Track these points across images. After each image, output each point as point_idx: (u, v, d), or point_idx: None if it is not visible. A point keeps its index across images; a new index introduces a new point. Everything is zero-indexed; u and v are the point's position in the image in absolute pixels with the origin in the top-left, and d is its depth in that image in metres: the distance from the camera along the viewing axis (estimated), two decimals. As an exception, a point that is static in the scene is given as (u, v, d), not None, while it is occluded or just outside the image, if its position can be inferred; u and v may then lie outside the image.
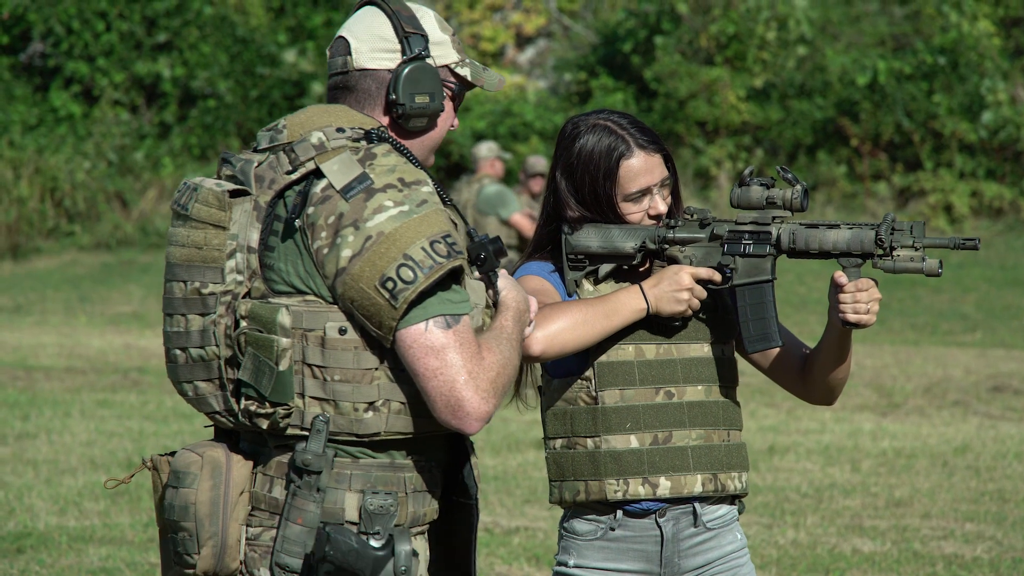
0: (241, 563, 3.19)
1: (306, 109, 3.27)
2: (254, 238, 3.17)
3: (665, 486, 3.90)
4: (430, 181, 3.16)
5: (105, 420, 11.82)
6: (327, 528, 3.10)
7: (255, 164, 3.22)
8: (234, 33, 27.01)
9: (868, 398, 13.38)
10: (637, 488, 3.89)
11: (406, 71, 3.28)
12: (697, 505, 3.94)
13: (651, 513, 3.93)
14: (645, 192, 3.94)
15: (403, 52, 3.29)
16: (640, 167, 3.92)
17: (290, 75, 26.87)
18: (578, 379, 3.93)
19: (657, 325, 3.93)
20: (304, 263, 3.13)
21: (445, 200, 3.24)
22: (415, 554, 3.13)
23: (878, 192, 25.70)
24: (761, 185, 3.92)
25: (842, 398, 12.36)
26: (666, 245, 3.94)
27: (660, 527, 3.92)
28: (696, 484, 3.91)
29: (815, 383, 4.01)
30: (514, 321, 3.23)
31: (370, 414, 3.13)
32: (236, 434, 3.29)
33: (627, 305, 3.86)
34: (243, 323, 3.13)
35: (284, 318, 3.10)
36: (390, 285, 3.05)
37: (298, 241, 3.14)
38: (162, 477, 3.26)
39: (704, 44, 26.84)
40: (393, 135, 3.27)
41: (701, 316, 3.96)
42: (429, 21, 3.35)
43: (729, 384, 3.99)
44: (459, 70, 3.37)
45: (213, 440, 3.27)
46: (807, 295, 20.30)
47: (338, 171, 3.13)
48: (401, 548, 3.11)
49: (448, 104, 3.36)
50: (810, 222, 3.90)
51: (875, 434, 11.57)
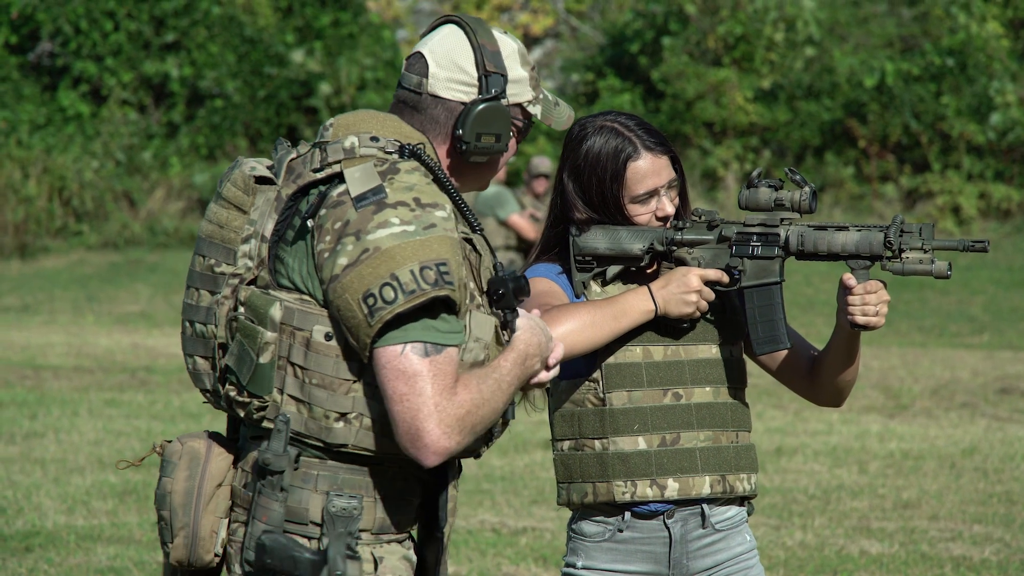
0: (217, 556, 3.21)
1: (357, 112, 3.27)
2: (269, 228, 3.18)
3: (673, 488, 3.89)
4: (448, 207, 3.12)
5: (113, 419, 11.83)
6: (262, 536, 3.10)
7: (292, 155, 3.24)
8: (242, 33, 27.03)
9: (875, 400, 13.38)
10: (645, 490, 3.89)
11: (478, 110, 3.25)
12: (705, 506, 3.93)
13: (659, 515, 3.92)
14: (652, 194, 3.93)
15: (480, 89, 3.27)
16: (647, 169, 3.91)
17: (298, 75, 26.89)
18: (586, 381, 3.92)
19: (665, 327, 3.93)
20: (308, 264, 3.13)
21: (474, 227, 3.23)
22: (354, 557, 3.11)
23: (886, 194, 25.68)
24: (769, 187, 3.92)
25: (849, 400, 12.36)
26: (674, 247, 3.94)
27: (668, 528, 3.92)
28: (704, 486, 3.91)
29: (823, 385, 4.01)
30: (513, 363, 3.17)
31: (340, 424, 3.11)
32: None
33: (635, 307, 3.86)
34: (240, 309, 3.15)
35: (276, 312, 3.10)
36: (371, 301, 3.03)
37: (307, 241, 3.15)
38: None
39: (712, 45, 26.83)
40: (431, 154, 3.24)
41: (709, 317, 3.96)
42: (511, 58, 3.32)
43: (737, 385, 3.98)
44: (531, 108, 3.35)
45: (204, 431, 3.30)
46: (814, 296, 20.29)
47: (358, 179, 3.12)
48: (335, 552, 3.09)
49: (511, 142, 3.35)
50: (818, 224, 3.90)
51: (883, 436, 11.56)
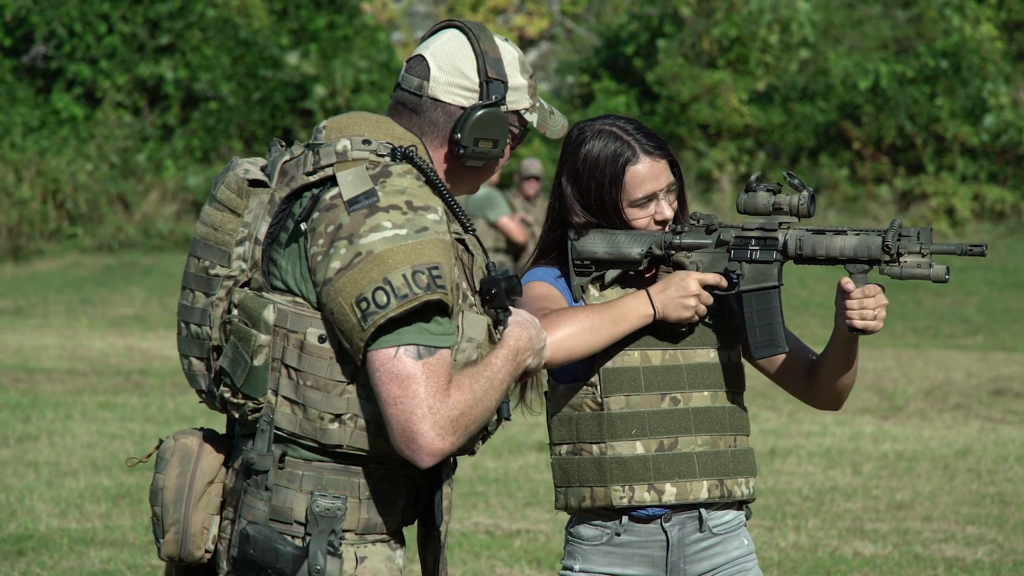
0: (208, 552, 3.23)
1: (350, 114, 3.28)
2: (262, 230, 3.20)
3: (671, 492, 3.89)
4: (440, 209, 3.14)
5: (107, 422, 11.82)
6: (247, 527, 3.13)
7: (286, 158, 3.24)
8: (236, 35, 27.02)
9: (869, 401, 13.38)
10: (643, 494, 3.89)
11: (478, 115, 3.28)
12: (703, 511, 3.93)
13: (656, 518, 3.92)
14: (651, 198, 3.93)
15: (480, 95, 3.29)
16: (646, 173, 3.91)
17: (292, 78, 26.88)
18: (584, 385, 3.92)
19: (664, 331, 3.92)
20: (301, 266, 3.15)
21: (467, 228, 3.24)
22: (335, 555, 3.13)
23: (880, 195, 25.70)
24: (767, 191, 3.91)
25: (844, 401, 12.35)
26: (672, 251, 3.93)
27: (666, 532, 3.92)
28: (702, 490, 3.90)
29: (822, 388, 4.00)
30: (504, 360, 3.19)
31: (335, 425, 3.13)
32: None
33: (634, 311, 3.86)
34: (234, 311, 3.16)
35: (269, 315, 3.12)
36: (363, 306, 3.05)
37: (301, 244, 3.16)
38: None
39: (706, 47, 26.84)
40: (423, 157, 3.25)
41: (708, 322, 3.95)
42: (512, 65, 3.34)
43: (736, 390, 3.98)
44: (527, 116, 3.38)
45: (197, 428, 3.31)
46: (809, 298, 20.30)
47: (351, 182, 3.13)
48: (315, 548, 3.11)
49: (507, 148, 3.36)
50: (817, 228, 3.89)
51: (876, 437, 11.57)
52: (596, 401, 3.91)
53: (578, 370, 3.93)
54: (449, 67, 3.30)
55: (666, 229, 3.96)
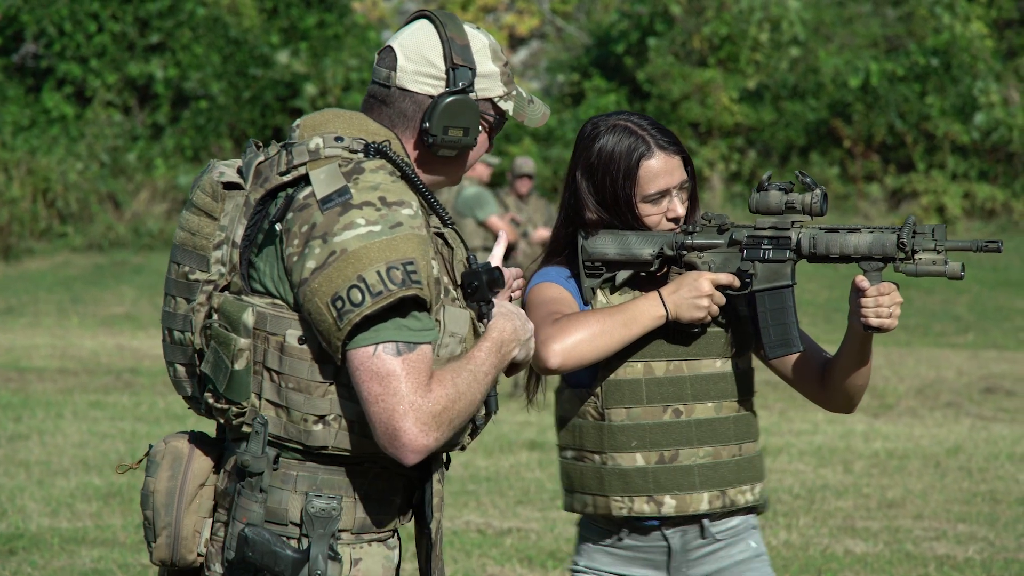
0: (200, 556, 3.21)
1: (323, 112, 3.26)
2: (239, 233, 3.18)
3: (670, 505, 3.88)
4: (415, 204, 3.11)
5: (98, 421, 11.81)
6: (245, 530, 3.11)
7: (260, 159, 3.23)
8: (227, 34, 27.00)
9: (863, 392, 13.40)
10: (642, 506, 3.88)
11: (444, 103, 3.25)
12: (705, 520, 3.93)
13: (657, 528, 3.92)
14: (664, 194, 3.89)
15: (448, 83, 3.26)
16: (660, 168, 3.88)
17: (283, 76, 26.86)
18: (587, 393, 3.91)
19: (676, 332, 3.89)
20: (278, 268, 3.13)
21: (445, 221, 3.23)
22: (336, 559, 3.12)
23: (871, 193, 25.72)
24: (779, 190, 3.88)
25: (834, 399, 12.36)
26: (684, 251, 3.91)
27: (667, 539, 3.93)
28: (702, 502, 3.89)
29: (835, 389, 3.97)
30: (488, 352, 3.16)
31: (319, 427, 3.11)
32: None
33: (646, 313, 3.83)
34: (214, 315, 3.15)
35: (249, 318, 3.10)
36: (339, 304, 3.03)
37: (277, 245, 3.14)
38: None
39: (697, 46, 26.86)
40: (398, 152, 3.24)
41: (721, 321, 3.92)
42: (482, 52, 3.31)
43: (743, 397, 3.95)
44: (502, 104, 3.33)
45: (187, 431, 3.30)
46: (799, 296, 20.32)
47: (323, 181, 3.11)
48: (317, 552, 3.10)
49: (482, 137, 3.33)
50: (830, 226, 3.86)
51: (867, 435, 11.58)
52: (598, 411, 3.90)
53: (583, 377, 3.91)
54: (416, 56, 3.27)
55: (677, 229, 3.93)
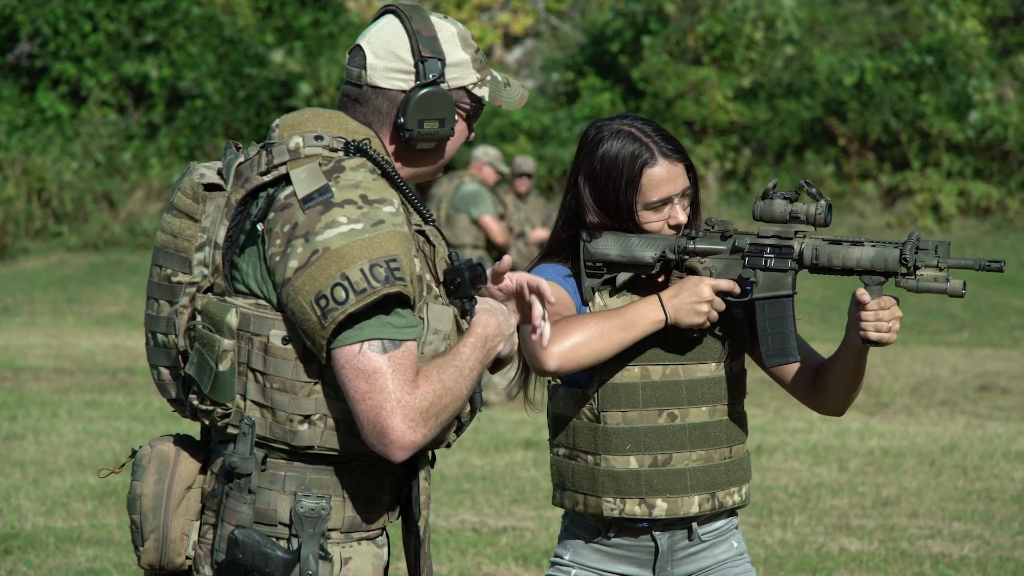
0: (188, 559, 3.21)
1: (302, 111, 3.26)
2: (221, 234, 3.18)
3: (661, 507, 3.89)
4: (397, 201, 3.11)
5: (93, 421, 11.80)
6: (235, 532, 3.11)
7: (240, 160, 3.22)
8: (221, 33, 26.99)
9: (856, 397, 13.40)
10: (633, 508, 3.89)
11: (416, 97, 3.24)
12: (694, 524, 3.94)
13: (647, 531, 3.94)
14: (666, 201, 3.90)
15: (418, 76, 3.26)
16: (663, 176, 3.88)
17: (278, 75, 26.85)
18: (583, 393, 3.91)
19: (674, 337, 3.90)
20: (260, 268, 3.12)
21: (427, 219, 3.23)
22: (327, 558, 3.13)
23: (865, 192, 25.73)
24: (784, 199, 3.88)
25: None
26: (686, 256, 3.91)
27: (655, 540, 3.94)
28: (693, 505, 3.91)
29: (827, 395, 3.99)
30: (473, 348, 3.16)
31: (305, 427, 3.11)
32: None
33: (645, 316, 3.83)
34: (197, 317, 3.14)
35: (232, 319, 3.10)
36: (323, 303, 3.03)
37: (259, 246, 3.14)
38: None
39: (691, 44, 26.86)
40: (378, 149, 3.24)
41: (717, 333, 3.92)
42: (450, 41, 3.30)
43: (736, 400, 3.97)
44: (476, 91, 3.33)
45: (172, 434, 3.30)
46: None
47: (304, 180, 3.10)
48: (307, 552, 3.10)
49: (460, 126, 3.33)
50: (833, 238, 3.86)
51: (863, 433, 11.58)
52: (593, 413, 3.90)
53: (579, 377, 3.91)
54: (384, 52, 3.27)
55: (680, 234, 3.93)
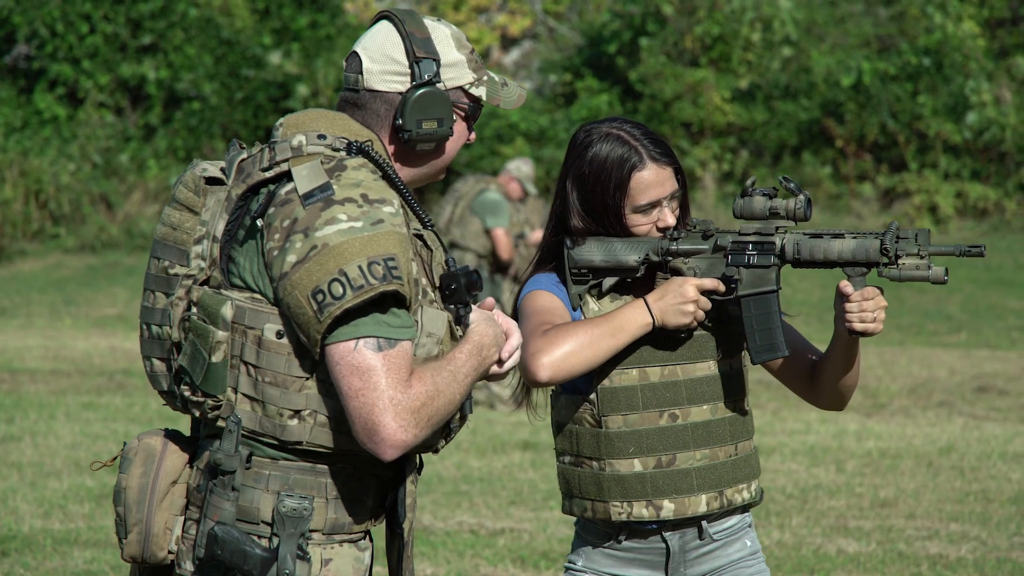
0: (171, 553, 3.22)
1: (308, 111, 3.29)
2: (220, 228, 3.20)
3: (669, 508, 3.90)
4: (396, 203, 3.13)
5: (90, 423, 11.80)
6: (215, 528, 3.12)
7: (243, 156, 3.25)
8: (219, 35, 26.98)
9: (853, 399, 13.39)
10: (641, 511, 3.90)
11: (413, 97, 3.27)
12: (703, 522, 3.95)
13: (656, 532, 3.94)
14: (655, 205, 3.91)
15: (413, 77, 3.29)
16: (651, 180, 3.89)
17: (275, 77, 26.84)
18: (583, 400, 3.92)
19: (663, 339, 3.91)
20: (258, 262, 3.15)
21: (425, 223, 3.25)
22: (304, 558, 3.13)
23: (863, 193, 25.73)
24: (764, 195, 3.90)
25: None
26: (669, 257, 3.92)
27: (666, 541, 3.95)
28: (700, 504, 3.91)
29: (823, 390, 4.00)
30: (468, 355, 3.18)
31: (295, 422, 3.13)
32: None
33: (633, 321, 3.84)
34: (192, 309, 3.16)
35: (227, 311, 3.12)
36: (320, 298, 3.05)
37: (257, 240, 3.16)
38: None
39: (689, 45, 26.86)
40: (380, 151, 3.26)
41: (707, 324, 3.93)
42: (444, 42, 3.33)
43: (737, 397, 3.97)
44: (473, 90, 3.36)
45: (161, 429, 3.31)
46: (791, 295, 20.33)
47: (306, 177, 3.13)
48: (285, 551, 3.11)
49: (459, 126, 3.35)
50: (814, 232, 3.88)
51: (860, 435, 11.58)
52: (594, 418, 3.90)
53: (579, 383, 3.92)
54: (379, 56, 3.30)
55: (663, 236, 3.94)
